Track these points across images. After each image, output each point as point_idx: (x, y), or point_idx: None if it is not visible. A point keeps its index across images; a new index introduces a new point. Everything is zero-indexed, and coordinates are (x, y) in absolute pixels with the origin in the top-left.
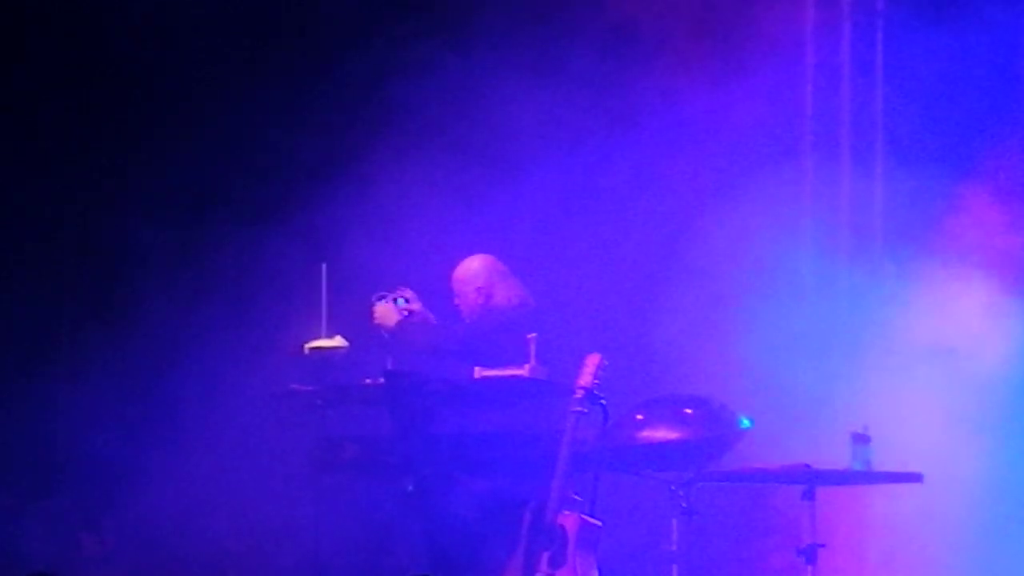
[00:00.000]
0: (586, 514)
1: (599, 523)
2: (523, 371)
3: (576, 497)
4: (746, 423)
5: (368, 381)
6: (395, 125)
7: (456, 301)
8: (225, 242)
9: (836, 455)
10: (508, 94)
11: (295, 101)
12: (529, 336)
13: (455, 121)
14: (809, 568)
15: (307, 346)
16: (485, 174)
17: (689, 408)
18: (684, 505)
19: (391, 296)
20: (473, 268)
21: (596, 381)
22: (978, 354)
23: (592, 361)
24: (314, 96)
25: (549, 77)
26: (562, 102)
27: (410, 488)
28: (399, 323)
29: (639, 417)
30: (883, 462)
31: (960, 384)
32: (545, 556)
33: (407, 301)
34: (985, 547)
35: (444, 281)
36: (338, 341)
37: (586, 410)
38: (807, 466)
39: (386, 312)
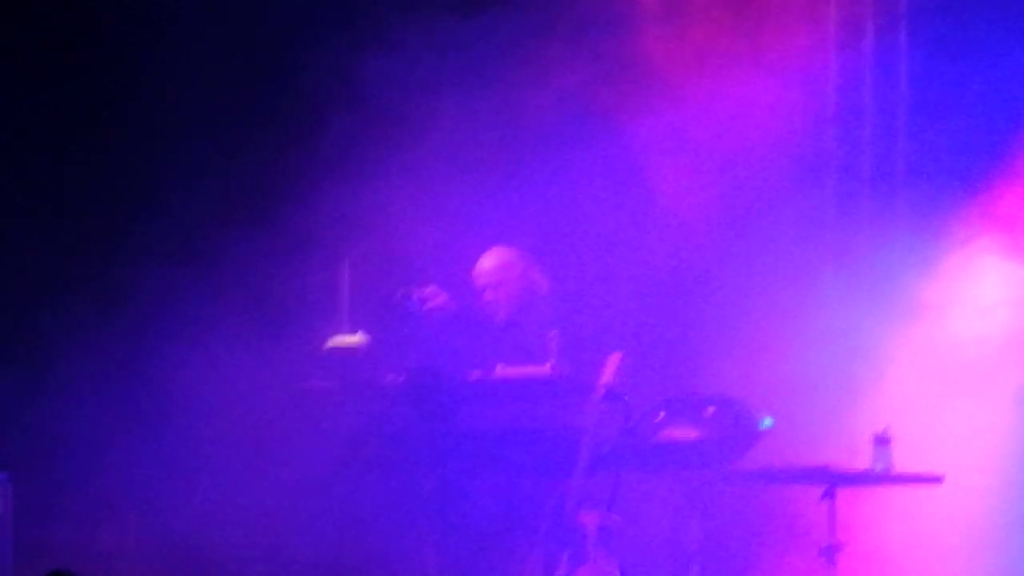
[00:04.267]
0: (607, 513)
1: (619, 521)
2: (545, 368)
3: (597, 495)
4: (767, 423)
5: (389, 378)
6: (411, 114)
7: (488, 296)
8: (245, 239)
9: (858, 456)
10: (530, 81)
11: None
12: (551, 333)
13: (477, 105)
14: (829, 569)
15: (328, 343)
16: (508, 166)
17: (710, 407)
18: (704, 504)
19: (413, 292)
20: (508, 257)
21: (618, 379)
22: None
23: (614, 359)
24: (329, 95)
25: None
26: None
27: (429, 486)
28: None
29: (660, 416)
30: (905, 463)
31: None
32: (565, 554)
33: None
34: (1007, 548)
35: (465, 273)
36: (359, 338)
37: (607, 408)
38: (827, 466)
39: None
